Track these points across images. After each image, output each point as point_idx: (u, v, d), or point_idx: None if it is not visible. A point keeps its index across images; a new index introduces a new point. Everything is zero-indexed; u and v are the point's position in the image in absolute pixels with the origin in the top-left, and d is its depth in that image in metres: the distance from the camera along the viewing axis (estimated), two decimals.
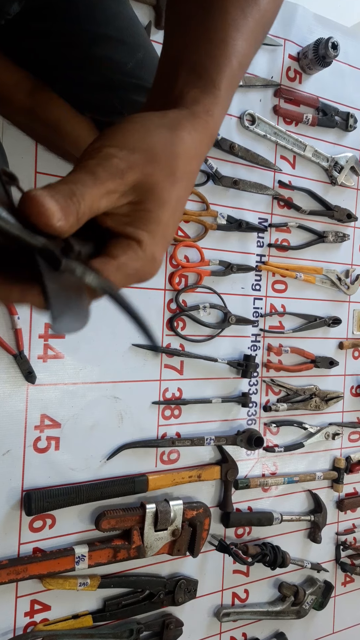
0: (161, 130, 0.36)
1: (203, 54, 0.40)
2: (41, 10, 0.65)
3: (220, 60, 0.40)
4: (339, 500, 1.30)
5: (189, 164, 0.37)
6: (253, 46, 0.43)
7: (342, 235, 1.26)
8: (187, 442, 1.03)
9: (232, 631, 1.15)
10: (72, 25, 0.67)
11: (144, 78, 0.70)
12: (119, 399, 0.97)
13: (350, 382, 1.31)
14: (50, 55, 0.69)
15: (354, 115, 1.25)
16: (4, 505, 0.86)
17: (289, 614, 1.20)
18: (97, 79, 0.69)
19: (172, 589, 1.02)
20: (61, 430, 0.91)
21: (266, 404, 1.16)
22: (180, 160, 0.36)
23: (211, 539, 1.09)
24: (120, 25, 0.69)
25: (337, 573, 1.31)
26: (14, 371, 0.87)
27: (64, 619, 0.92)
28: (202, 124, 0.38)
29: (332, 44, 1.12)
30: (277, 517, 1.15)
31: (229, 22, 0.41)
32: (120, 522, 0.92)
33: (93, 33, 0.67)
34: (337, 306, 1.28)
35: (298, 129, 1.19)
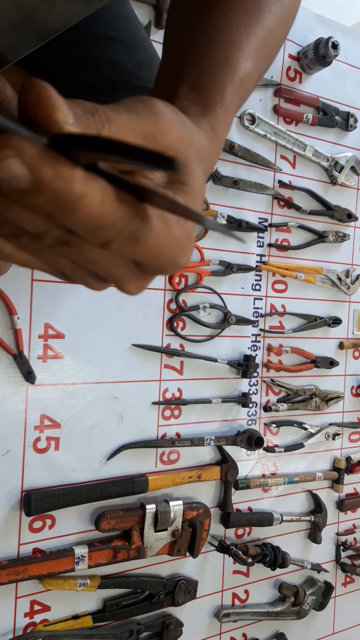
0: (189, 120, 0.32)
1: (204, 73, 0.38)
2: None
3: (222, 80, 0.38)
4: (339, 500, 1.30)
5: (206, 161, 0.34)
6: (258, 66, 0.41)
7: (343, 235, 1.26)
8: (187, 443, 1.03)
9: (232, 632, 1.15)
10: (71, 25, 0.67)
11: (144, 78, 0.70)
12: (119, 399, 0.97)
13: (351, 382, 1.31)
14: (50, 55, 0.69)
15: (354, 115, 1.25)
16: (3, 505, 0.86)
17: (289, 615, 1.19)
18: (97, 80, 0.69)
19: (172, 590, 1.02)
20: (61, 431, 0.91)
21: (266, 404, 1.16)
22: (206, 156, 0.33)
23: (211, 540, 1.08)
24: (120, 26, 0.69)
25: (337, 573, 1.31)
26: (13, 371, 0.86)
27: (64, 619, 0.91)
28: (209, 136, 0.35)
29: (332, 44, 1.11)
30: (277, 518, 1.15)
31: (231, 40, 0.39)
32: (120, 523, 0.92)
33: (93, 33, 0.67)
34: (337, 306, 1.28)
35: (298, 129, 1.19)
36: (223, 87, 0.37)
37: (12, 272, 0.79)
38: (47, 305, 0.89)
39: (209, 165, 0.35)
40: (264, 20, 0.41)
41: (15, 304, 0.86)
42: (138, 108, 0.27)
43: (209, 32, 0.39)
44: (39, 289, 0.89)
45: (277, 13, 0.42)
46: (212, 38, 0.39)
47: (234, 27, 0.39)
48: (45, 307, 0.89)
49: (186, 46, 0.40)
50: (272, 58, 0.44)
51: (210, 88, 0.37)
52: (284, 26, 0.44)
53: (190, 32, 0.40)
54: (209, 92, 0.37)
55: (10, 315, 0.86)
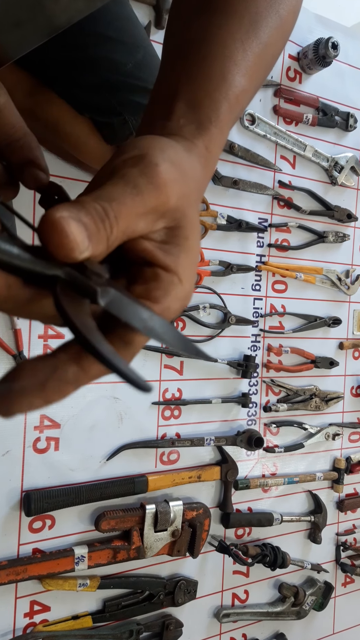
0: (184, 152, 0.33)
1: (200, 89, 0.37)
2: None
3: (217, 97, 0.37)
4: (339, 500, 1.30)
5: (200, 192, 0.35)
6: (254, 81, 0.40)
7: (342, 236, 1.26)
8: (187, 443, 1.03)
9: (232, 632, 1.15)
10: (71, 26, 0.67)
11: (144, 79, 0.70)
12: (119, 400, 0.97)
13: (351, 382, 1.31)
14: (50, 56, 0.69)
15: (354, 115, 1.25)
16: (3, 505, 0.86)
17: (289, 615, 1.19)
18: (97, 80, 0.69)
19: (172, 590, 1.02)
20: (61, 431, 0.91)
21: (266, 405, 1.16)
22: (201, 186, 0.34)
23: (211, 540, 1.08)
24: (120, 26, 0.69)
25: (337, 574, 1.31)
26: None
27: (64, 619, 0.91)
28: (204, 158, 0.35)
29: (332, 44, 1.11)
30: (277, 518, 1.15)
31: (227, 55, 0.38)
32: (120, 523, 0.92)
33: (92, 34, 0.67)
34: (337, 306, 1.28)
35: (298, 129, 1.19)
36: (218, 104, 0.37)
37: None
38: None
39: (203, 191, 0.36)
40: (261, 35, 0.40)
41: None
42: (141, 184, 0.28)
43: (205, 45, 0.38)
44: None
45: (274, 26, 0.41)
46: (208, 52, 0.38)
47: (231, 42, 0.38)
48: None
49: (182, 59, 0.39)
50: (268, 72, 0.44)
51: (205, 106, 0.36)
52: (281, 40, 0.43)
53: (186, 45, 0.39)
54: (204, 110, 0.36)
55: (10, 316, 0.86)
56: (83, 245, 0.24)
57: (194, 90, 0.36)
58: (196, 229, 0.32)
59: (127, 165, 0.29)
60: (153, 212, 0.28)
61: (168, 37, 0.43)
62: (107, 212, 0.26)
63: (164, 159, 0.29)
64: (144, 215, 0.28)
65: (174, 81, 0.37)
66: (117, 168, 0.29)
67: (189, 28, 0.40)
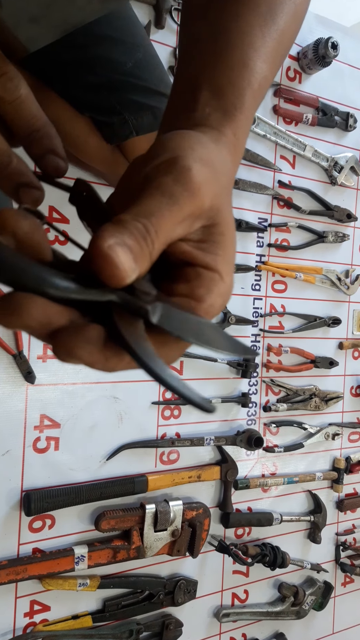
0: (213, 145, 0.33)
1: (222, 77, 0.37)
2: None
3: (240, 84, 0.37)
4: (338, 500, 1.30)
5: (231, 185, 0.34)
6: (273, 67, 0.40)
7: (342, 235, 1.26)
8: (186, 443, 1.03)
9: (231, 632, 1.15)
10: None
11: (143, 78, 0.70)
12: (119, 399, 0.97)
13: (350, 382, 1.31)
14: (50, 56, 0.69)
15: (353, 115, 1.25)
16: (3, 505, 0.86)
17: (288, 615, 1.19)
18: (96, 79, 0.69)
19: (171, 590, 1.02)
20: (61, 431, 0.91)
21: (266, 404, 1.16)
22: (231, 178, 0.34)
23: (211, 540, 1.08)
24: (120, 25, 0.69)
25: (336, 573, 1.31)
26: (13, 371, 0.86)
27: (64, 619, 0.91)
28: (232, 146, 0.36)
29: (332, 44, 1.12)
30: (277, 518, 1.15)
31: (247, 43, 0.38)
32: (119, 523, 0.92)
33: (93, 34, 0.67)
34: (337, 306, 1.28)
35: (298, 129, 1.19)
36: (242, 91, 0.37)
37: None
38: None
39: (233, 181, 0.36)
40: (278, 21, 0.40)
41: None
42: (177, 193, 0.28)
43: (225, 34, 0.39)
44: None
45: (290, 12, 0.41)
46: (228, 41, 0.38)
47: (249, 29, 0.39)
48: None
49: (202, 49, 0.39)
50: (285, 57, 0.44)
51: (229, 93, 0.36)
52: (296, 25, 0.43)
53: (205, 35, 0.39)
54: (229, 97, 0.36)
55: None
56: (132, 270, 0.25)
57: (217, 79, 0.37)
58: (231, 224, 0.32)
59: (160, 173, 0.29)
60: (190, 217, 0.29)
61: (184, 27, 0.43)
62: (148, 229, 0.26)
63: (195, 160, 0.29)
64: (181, 222, 0.28)
65: (196, 72, 0.38)
66: (151, 177, 0.29)
67: (205, 17, 0.40)
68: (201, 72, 0.37)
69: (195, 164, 0.29)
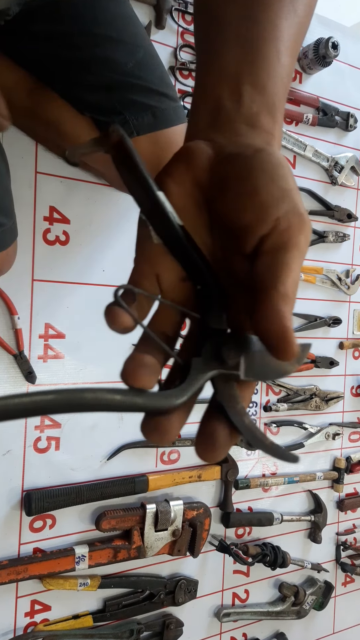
0: (275, 159, 0.33)
1: (263, 72, 0.37)
2: (41, 11, 0.66)
3: (278, 81, 0.37)
4: (339, 500, 1.30)
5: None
6: (294, 60, 0.40)
7: (343, 235, 1.26)
8: (187, 442, 1.03)
9: (232, 631, 1.15)
10: (72, 26, 0.67)
11: (144, 78, 0.70)
12: None
13: (351, 382, 1.31)
14: (50, 56, 0.69)
15: (354, 115, 1.25)
16: (4, 505, 0.86)
17: (289, 614, 1.19)
18: (97, 80, 0.69)
19: (172, 589, 1.02)
20: (61, 431, 0.91)
21: (266, 404, 1.16)
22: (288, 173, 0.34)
23: (211, 539, 1.09)
24: (120, 26, 0.69)
25: (337, 573, 1.31)
26: (14, 371, 0.87)
27: (64, 619, 0.92)
28: (277, 147, 0.36)
29: (332, 44, 1.12)
30: (278, 517, 1.15)
31: (278, 37, 0.38)
32: (120, 523, 0.92)
33: (93, 34, 0.67)
34: (337, 306, 1.28)
35: (298, 129, 1.19)
36: (279, 87, 0.37)
37: (12, 272, 0.80)
38: (47, 305, 0.89)
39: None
40: (298, 11, 0.40)
41: (16, 304, 0.86)
42: (300, 241, 0.30)
43: (256, 24, 0.38)
44: (40, 289, 0.89)
45: (306, 2, 0.42)
46: (261, 32, 0.38)
47: (278, 22, 0.38)
48: (46, 307, 0.89)
49: (237, 34, 0.38)
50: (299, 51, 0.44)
51: (270, 90, 0.36)
52: (310, 15, 0.44)
53: (236, 20, 0.39)
54: (270, 95, 0.36)
55: (10, 315, 0.86)
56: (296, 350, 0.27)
57: (258, 74, 0.36)
58: (307, 227, 0.32)
59: (294, 228, 0.30)
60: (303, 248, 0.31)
61: (206, 6, 0.42)
62: (289, 298, 0.29)
63: (301, 204, 0.31)
64: (301, 255, 0.31)
65: (233, 61, 0.37)
66: (288, 237, 0.30)
67: (234, 1, 0.40)
68: (239, 62, 0.37)
69: (300, 204, 0.31)
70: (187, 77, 1.03)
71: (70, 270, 0.92)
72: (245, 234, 0.31)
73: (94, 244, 0.94)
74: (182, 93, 1.01)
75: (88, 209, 0.93)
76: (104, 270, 0.95)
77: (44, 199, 0.88)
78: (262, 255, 0.30)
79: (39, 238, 0.88)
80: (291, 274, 0.29)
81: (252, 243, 0.31)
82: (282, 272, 0.29)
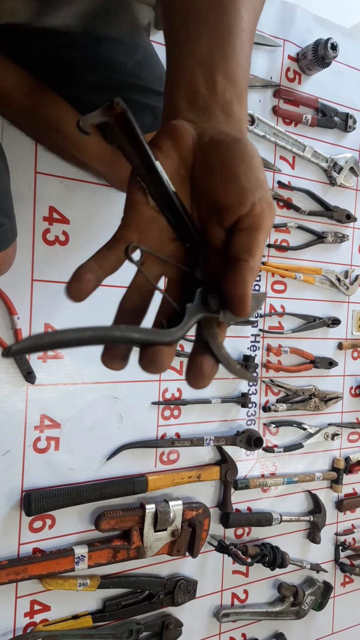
0: (245, 147, 0.38)
1: (232, 61, 0.41)
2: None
3: (245, 69, 0.42)
4: (338, 500, 1.30)
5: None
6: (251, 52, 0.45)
7: (342, 236, 1.26)
8: (186, 443, 1.03)
9: (231, 631, 1.15)
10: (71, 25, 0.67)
11: (144, 78, 0.70)
12: (119, 399, 0.97)
13: (350, 382, 1.32)
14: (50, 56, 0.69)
15: (353, 115, 1.25)
16: (3, 505, 0.86)
17: (288, 615, 1.20)
18: (97, 80, 0.69)
19: (171, 590, 1.02)
20: (61, 431, 0.91)
21: (265, 405, 1.16)
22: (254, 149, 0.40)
23: (211, 540, 1.09)
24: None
25: (336, 573, 1.31)
26: (13, 371, 0.86)
27: (64, 619, 0.91)
28: (245, 131, 0.42)
29: (332, 45, 1.12)
30: (277, 518, 1.15)
31: (244, 28, 0.42)
32: (119, 523, 0.92)
33: (92, 33, 0.67)
34: (336, 307, 1.28)
35: (297, 130, 1.19)
36: (246, 76, 0.41)
37: (12, 272, 0.80)
38: (47, 305, 0.89)
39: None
40: (256, 4, 0.45)
41: (15, 304, 0.86)
42: (269, 224, 0.37)
43: (226, 14, 0.42)
44: (39, 289, 0.89)
45: None
46: (231, 23, 0.42)
47: (244, 12, 0.42)
48: (45, 307, 0.89)
49: (208, 23, 0.42)
50: None
51: (238, 78, 0.41)
52: (261, 9, 0.47)
53: (206, 9, 0.42)
54: (239, 83, 0.41)
55: (10, 315, 0.86)
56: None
57: (228, 63, 0.41)
58: (269, 207, 0.38)
59: (244, 225, 0.37)
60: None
61: (171, 8, 0.46)
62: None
63: (254, 199, 0.37)
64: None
65: (206, 49, 0.41)
66: (251, 225, 0.37)
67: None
68: (213, 52, 0.41)
69: (272, 199, 0.37)
70: None
71: (70, 270, 0.91)
72: (226, 212, 0.37)
73: (94, 244, 0.93)
74: None
75: (88, 209, 0.93)
76: None
77: (43, 199, 0.88)
78: (239, 232, 0.37)
79: (39, 238, 0.88)
80: (259, 250, 0.36)
81: (230, 220, 0.37)
82: (253, 248, 0.36)
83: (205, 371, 0.36)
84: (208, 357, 0.37)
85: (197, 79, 0.40)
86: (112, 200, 0.94)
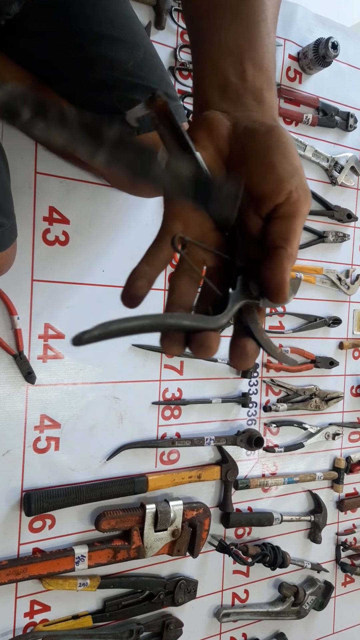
0: (280, 134, 0.39)
1: (260, 50, 0.41)
2: (41, 10, 0.65)
3: (272, 57, 0.42)
4: (339, 500, 1.30)
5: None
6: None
7: (342, 235, 1.26)
8: (187, 443, 1.03)
9: (232, 631, 1.15)
10: (72, 24, 0.67)
11: (144, 77, 0.70)
12: (119, 399, 0.97)
13: (350, 382, 1.31)
14: (51, 55, 0.69)
15: (354, 115, 1.25)
16: (3, 505, 0.86)
17: (289, 615, 1.19)
18: (97, 79, 0.69)
19: (172, 590, 1.02)
20: (61, 431, 0.91)
21: (266, 404, 1.16)
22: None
23: (211, 540, 1.09)
24: (120, 25, 0.69)
25: (337, 573, 1.31)
26: (13, 371, 0.86)
27: (64, 619, 0.91)
28: (276, 115, 0.42)
29: (332, 44, 1.11)
30: (277, 518, 1.15)
31: (267, 15, 0.43)
32: (120, 523, 0.92)
33: (93, 32, 0.67)
34: (337, 306, 1.28)
35: (298, 129, 1.19)
36: (273, 64, 0.42)
37: (12, 272, 0.79)
38: (47, 305, 0.89)
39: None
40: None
41: (16, 304, 0.86)
42: (305, 211, 0.39)
43: (248, 5, 0.42)
44: (39, 289, 0.89)
45: None
46: (254, 13, 0.42)
47: (267, 2, 0.43)
48: (45, 307, 0.89)
49: (235, 15, 0.42)
50: None
51: (266, 64, 0.41)
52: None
53: (230, 2, 0.43)
54: (267, 69, 0.41)
55: (10, 316, 0.86)
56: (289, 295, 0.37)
57: (255, 49, 0.42)
58: (306, 195, 0.39)
59: (282, 213, 0.38)
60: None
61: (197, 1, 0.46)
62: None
63: (292, 187, 0.37)
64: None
65: (233, 38, 0.42)
66: (287, 213, 0.38)
67: None
68: (240, 40, 0.42)
69: (307, 186, 0.39)
70: (187, 77, 1.03)
71: (69, 271, 0.92)
72: (264, 200, 0.37)
73: (94, 245, 0.94)
74: (181, 93, 1.01)
75: (88, 209, 0.92)
76: (104, 270, 0.95)
77: (43, 199, 0.88)
78: (276, 219, 0.37)
79: (39, 238, 0.88)
80: (297, 237, 0.37)
81: (268, 208, 0.37)
82: (290, 235, 0.36)
83: (249, 352, 0.37)
84: (250, 340, 0.38)
85: (226, 68, 0.41)
86: (112, 200, 0.94)
